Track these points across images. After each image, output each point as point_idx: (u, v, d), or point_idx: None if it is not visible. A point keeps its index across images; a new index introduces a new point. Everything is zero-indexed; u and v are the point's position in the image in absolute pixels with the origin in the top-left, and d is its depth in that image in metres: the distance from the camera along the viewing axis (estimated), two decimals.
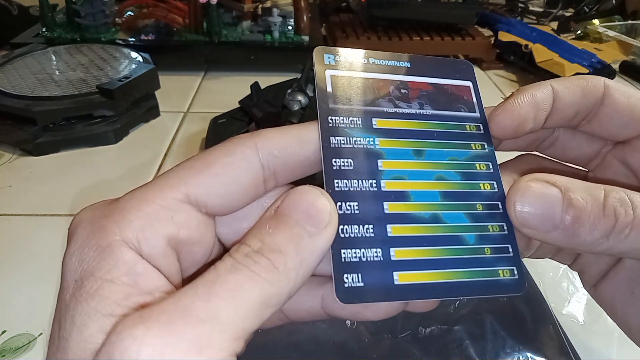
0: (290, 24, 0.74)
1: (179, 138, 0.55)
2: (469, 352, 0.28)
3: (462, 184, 0.18)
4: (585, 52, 0.70)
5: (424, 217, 0.17)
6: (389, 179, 0.18)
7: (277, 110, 0.50)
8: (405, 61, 0.20)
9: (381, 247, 0.17)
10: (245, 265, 0.14)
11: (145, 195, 0.15)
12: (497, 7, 0.96)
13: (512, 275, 0.18)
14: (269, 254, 0.14)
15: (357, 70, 0.19)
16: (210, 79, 0.70)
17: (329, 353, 0.28)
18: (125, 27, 0.72)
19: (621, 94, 0.19)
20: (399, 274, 0.16)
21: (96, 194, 0.45)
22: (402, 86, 0.19)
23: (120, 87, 0.51)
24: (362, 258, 0.16)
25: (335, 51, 0.19)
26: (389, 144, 0.18)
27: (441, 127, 0.19)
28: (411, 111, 0.19)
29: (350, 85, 0.19)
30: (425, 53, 0.82)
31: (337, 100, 0.18)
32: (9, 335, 0.31)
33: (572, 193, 0.16)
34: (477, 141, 0.19)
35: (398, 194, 0.17)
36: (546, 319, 0.30)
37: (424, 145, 0.19)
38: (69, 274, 0.14)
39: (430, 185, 0.18)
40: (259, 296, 0.13)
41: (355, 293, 0.16)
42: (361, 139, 0.18)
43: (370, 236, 0.17)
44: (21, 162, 0.49)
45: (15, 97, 0.50)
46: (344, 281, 0.16)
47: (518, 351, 0.28)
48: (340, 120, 0.18)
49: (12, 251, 0.38)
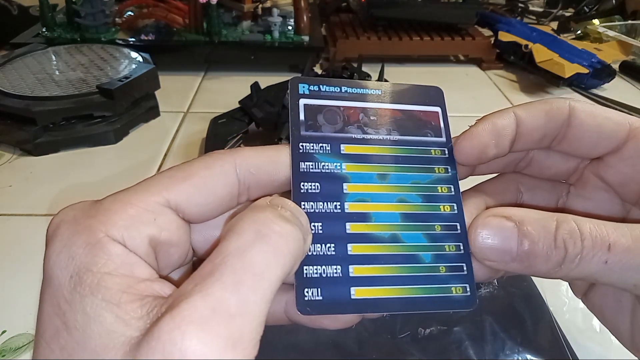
0: (290, 24, 0.74)
1: (179, 138, 0.55)
2: (468, 353, 0.28)
3: (422, 205, 0.19)
4: (585, 52, 0.70)
5: (384, 237, 0.19)
6: (353, 201, 0.19)
7: (277, 110, 0.50)
8: (376, 89, 0.21)
9: (341, 264, 0.18)
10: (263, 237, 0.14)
11: (128, 198, 0.16)
12: (497, 7, 0.96)
13: (464, 292, 0.19)
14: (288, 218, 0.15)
15: (329, 99, 0.20)
16: (210, 79, 0.70)
17: (329, 353, 0.28)
18: (125, 27, 0.72)
19: (587, 114, 0.20)
20: (356, 289, 0.18)
21: (96, 194, 0.44)
22: (372, 113, 0.20)
23: (120, 87, 0.51)
24: (322, 274, 0.18)
25: (310, 81, 0.20)
26: (354, 169, 0.19)
27: (406, 152, 0.20)
28: (378, 137, 0.20)
29: (322, 114, 0.20)
30: (425, 53, 0.82)
31: (308, 127, 0.20)
32: (9, 335, 0.31)
33: (526, 226, 0.17)
34: (440, 165, 0.20)
35: (360, 215, 0.19)
36: (545, 321, 0.30)
37: (388, 169, 0.20)
38: (59, 271, 0.14)
39: (391, 207, 0.19)
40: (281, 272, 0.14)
41: (314, 306, 0.17)
42: (329, 164, 0.19)
43: (331, 254, 0.18)
44: (21, 162, 0.49)
45: (15, 97, 0.50)
46: (304, 294, 0.17)
47: (517, 352, 0.28)
48: (310, 147, 0.19)
49: (12, 251, 0.38)
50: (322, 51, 0.72)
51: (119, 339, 0.13)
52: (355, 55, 0.71)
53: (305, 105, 0.20)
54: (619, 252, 0.17)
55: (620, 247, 0.17)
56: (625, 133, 0.20)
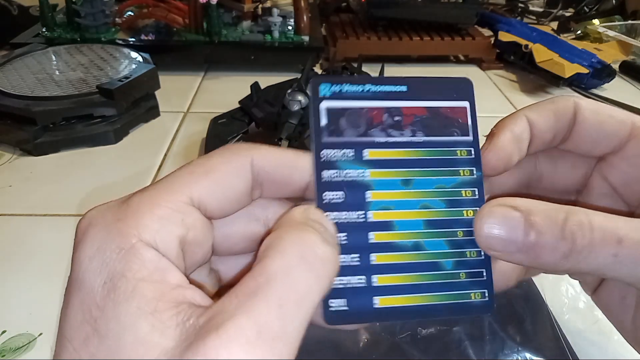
0: (290, 24, 0.74)
1: (179, 138, 0.55)
2: (468, 353, 0.28)
3: (446, 211, 0.19)
4: (585, 52, 0.70)
5: (407, 245, 0.18)
6: (376, 210, 0.18)
7: (277, 110, 0.50)
8: (402, 85, 0.20)
9: (365, 274, 0.18)
10: (308, 260, 0.15)
11: (155, 199, 0.16)
12: (497, 7, 0.96)
13: (482, 298, 0.19)
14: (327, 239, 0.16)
15: (352, 99, 0.19)
16: (210, 79, 0.70)
17: (329, 353, 0.28)
18: (125, 27, 0.72)
19: (590, 111, 0.20)
20: (380, 298, 0.18)
21: (96, 194, 0.45)
22: (396, 113, 0.19)
23: (120, 87, 0.51)
24: (347, 284, 0.18)
25: (332, 80, 0.19)
26: (379, 175, 0.19)
27: (431, 155, 0.19)
28: (403, 139, 0.19)
29: (344, 117, 0.19)
30: (425, 53, 0.82)
31: (330, 133, 0.19)
32: (9, 335, 0.31)
33: (533, 216, 0.17)
34: (466, 167, 0.20)
35: (383, 224, 0.18)
36: (545, 320, 0.30)
37: (412, 174, 0.19)
38: (91, 276, 0.14)
39: (414, 214, 0.19)
40: (320, 295, 0.15)
41: (340, 316, 0.17)
42: (352, 171, 0.18)
43: (355, 264, 0.18)
44: (21, 162, 0.49)
45: (15, 97, 0.50)
46: (329, 305, 0.17)
47: (517, 352, 0.28)
48: (333, 154, 0.18)
49: (12, 251, 0.38)
50: (322, 51, 0.72)
51: (154, 349, 0.13)
52: (355, 55, 0.71)
53: (328, 110, 0.19)
54: (629, 246, 0.16)
55: (630, 241, 0.16)
56: (628, 131, 0.20)
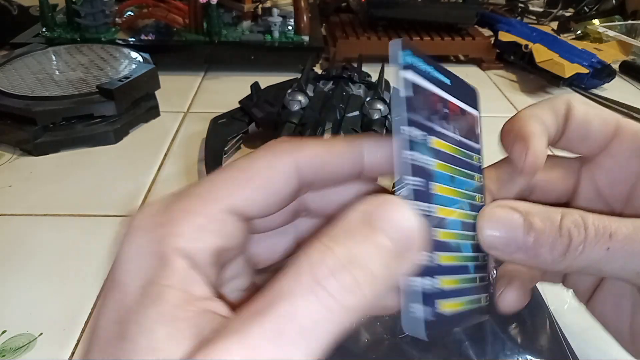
0: (290, 24, 0.74)
1: (179, 138, 0.55)
2: (468, 353, 0.28)
3: (470, 214, 0.18)
4: (585, 52, 0.70)
5: (452, 246, 0.17)
6: (438, 204, 0.16)
7: (277, 110, 0.50)
8: (447, 77, 0.18)
9: (430, 275, 0.15)
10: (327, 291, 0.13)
11: (195, 207, 0.15)
12: (497, 7, 0.96)
13: (486, 302, 0.19)
14: (356, 270, 0.13)
15: (421, 77, 0.16)
16: (210, 79, 0.70)
17: (329, 353, 0.28)
18: (125, 27, 0.72)
19: (579, 110, 0.21)
20: (441, 302, 0.16)
21: (96, 194, 0.45)
22: (445, 106, 0.17)
23: (120, 87, 0.51)
24: (424, 287, 0.15)
25: (411, 47, 0.16)
26: (439, 167, 0.17)
27: (463, 156, 0.18)
28: (450, 134, 0.17)
29: (420, 94, 0.16)
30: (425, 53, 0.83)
31: (409, 109, 0.15)
32: (9, 335, 0.31)
33: (532, 217, 0.18)
34: (478, 173, 0.19)
35: (442, 220, 0.16)
36: (545, 321, 0.30)
37: (456, 172, 0.18)
38: (129, 279, 0.14)
39: (455, 214, 0.17)
40: (335, 333, 0.13)
41: (417, 322, 0.15)
42: (423, 158, 0.16)
43: (426, 265, 0.15)
44: (21, 162, 0.49)
45: (15, 97, 0.50)
46: (410, 311, 0.15)
47: (517, 352, 0.28)
48: (411, 133, 0.15)
49: (12, 251, 0.38)
50: (322, 51, 0.72)
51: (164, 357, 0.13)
52: (355, 55, 0.71)
53: (410, 81, 0.16)
54: (620, 239, 0.17)
55: (621, 235, 0.17)
56: (612, 131, 0.21)
